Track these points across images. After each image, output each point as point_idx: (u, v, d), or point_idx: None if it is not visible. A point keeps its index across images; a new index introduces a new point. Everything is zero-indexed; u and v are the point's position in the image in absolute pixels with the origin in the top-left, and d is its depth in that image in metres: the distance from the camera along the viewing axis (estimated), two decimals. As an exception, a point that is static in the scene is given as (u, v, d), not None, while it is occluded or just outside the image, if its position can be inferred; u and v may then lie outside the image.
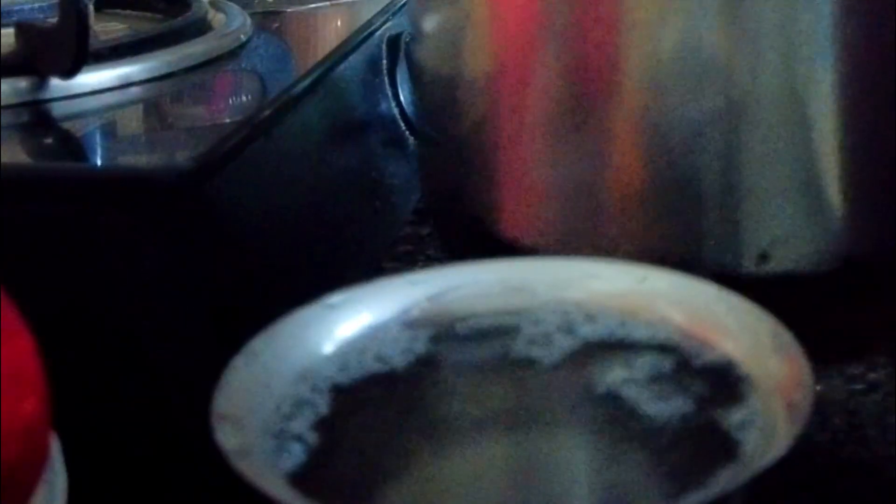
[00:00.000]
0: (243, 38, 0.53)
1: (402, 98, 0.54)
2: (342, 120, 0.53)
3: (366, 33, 0.55)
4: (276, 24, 0.58)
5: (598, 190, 0.39)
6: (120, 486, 0.39)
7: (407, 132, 0.54)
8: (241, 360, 0.29)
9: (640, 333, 0.31)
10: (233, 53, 0.51)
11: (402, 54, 0.54)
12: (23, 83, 0.44)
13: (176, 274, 0.38)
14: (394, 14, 0.58)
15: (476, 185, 0.42)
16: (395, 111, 0.54)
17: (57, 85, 0.44)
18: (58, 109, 0.44)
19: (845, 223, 0.38)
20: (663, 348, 0.30)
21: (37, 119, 0.44)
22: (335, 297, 0.31)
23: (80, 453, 0.30)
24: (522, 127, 0.40)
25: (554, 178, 0.40)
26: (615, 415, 0.28)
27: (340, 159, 0.52)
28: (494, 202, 0.42)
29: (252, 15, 0.56)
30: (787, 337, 0.28)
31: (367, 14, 0.58)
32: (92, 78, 0.45)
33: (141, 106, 0.46)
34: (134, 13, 0.58)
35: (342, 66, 0.51)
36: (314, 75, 0.49)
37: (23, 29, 0.45)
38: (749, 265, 0.38)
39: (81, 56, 0.43)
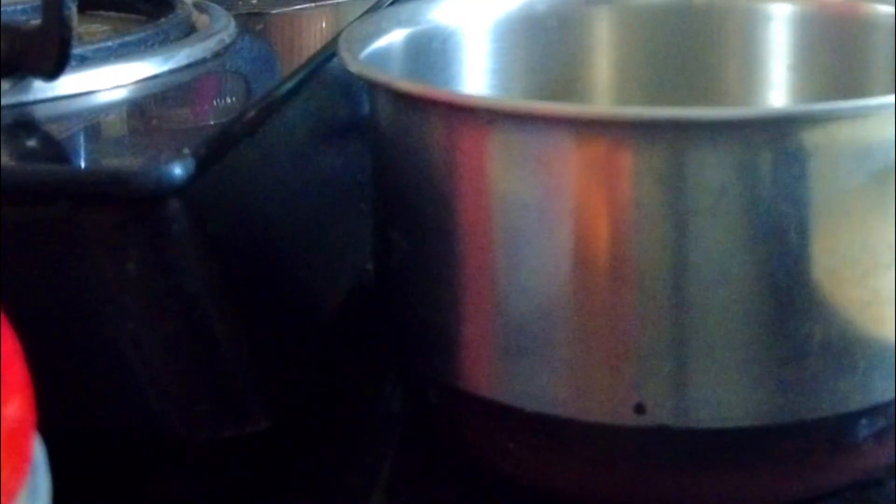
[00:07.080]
0: (227, 39, 0.52)
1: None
2: (327, 122, 0.53)
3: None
4: (261, 26, 0.58)
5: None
6: (105, 490, 0.39)
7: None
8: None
9: None
10: (217, 55, 0.51)
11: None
12: (5, 85, 0.44)
13: (160, 276, 0.38)
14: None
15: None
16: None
17: (39, 87, 0.44)
18: (40, 111, 0.44)
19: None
20: None
21: (19, 121, 0.43)
22: None
23: (65, 457, 0.29)
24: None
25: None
26: None
27: (325, 161, 0.52)
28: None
29: (236, 17, 0.56)
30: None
31: (352, 15, 0.58)
32: (75, 80, 0.45)
33: (124, 108, 0.46)
34: (117, 15, 0.58)
35: (327, 68, 0.51)
36: (299, 77, 0.49)
37: (4, 30, 0.45)
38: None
39: (64, 58, 0.43)
